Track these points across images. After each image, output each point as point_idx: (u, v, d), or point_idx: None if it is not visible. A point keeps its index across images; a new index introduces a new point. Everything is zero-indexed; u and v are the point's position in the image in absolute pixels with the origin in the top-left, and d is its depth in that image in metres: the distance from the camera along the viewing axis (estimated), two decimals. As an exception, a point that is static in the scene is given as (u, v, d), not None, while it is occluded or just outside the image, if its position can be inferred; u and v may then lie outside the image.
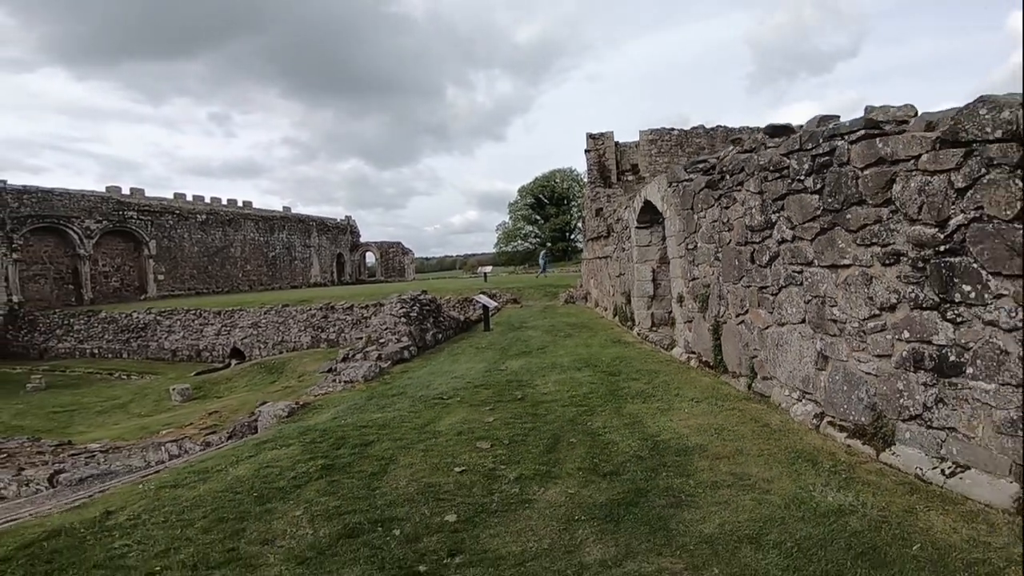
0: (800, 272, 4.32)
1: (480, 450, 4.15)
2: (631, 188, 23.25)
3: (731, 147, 6.24)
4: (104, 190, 39.09)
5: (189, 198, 44.13)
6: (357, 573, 2.59)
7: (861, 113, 3.67)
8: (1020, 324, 2.55)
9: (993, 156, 2.64)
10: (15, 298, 31.77)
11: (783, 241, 4.57)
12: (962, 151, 2.81)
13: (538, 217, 66.05)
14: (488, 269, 34.69)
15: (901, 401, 3.31)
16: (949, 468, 3.04)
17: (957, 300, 2.86)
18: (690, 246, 7.09)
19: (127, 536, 3.09)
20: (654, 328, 9.76)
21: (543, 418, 4.90)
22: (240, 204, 48.26)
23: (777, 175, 4.64)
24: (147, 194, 41.19)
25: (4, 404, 18.79)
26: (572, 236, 61.62)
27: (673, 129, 27.46)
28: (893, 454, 3.40)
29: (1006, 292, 2.61)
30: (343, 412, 5.70)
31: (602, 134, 26.39)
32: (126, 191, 40.35)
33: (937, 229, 2.96)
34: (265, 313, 22.83)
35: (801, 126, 4.66)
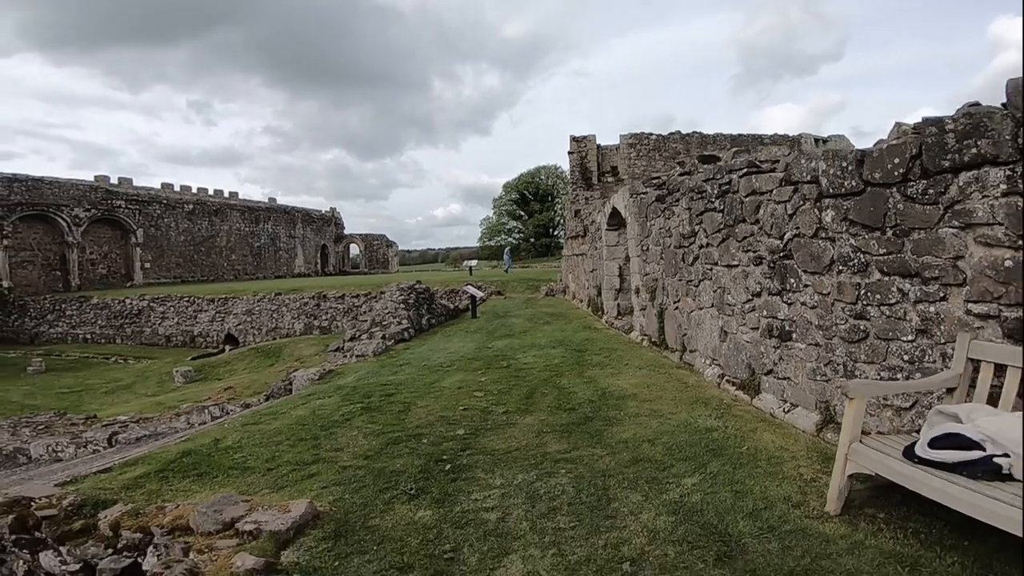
0: (711, 269, 5.89)
1: (476, 397, 5.66)
2: (611, 189, 24.81)
3: (676, 168, 7.79)
4: (93, 179, 39.43)
5: (176, 188, 44.53)
6: (403, 461, 4.06)
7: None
8: (816, 303, 4.11)
9: (806, 193, 4.19)
10: (5, 283, 32.17)
11: (702, 246, 6.13)
12: (792, 188, 4.36)
13: (522, 213, 67.47)
14: (473, 263, 36.13)
15: (763, 360, 4.89)
16: (787, 407, 4.61)
17: (788, 288, 4.43)
18: (644, 248, 8.65)
19: (239, 452, 4.50)
20: (619, 316, 11.33)
21: (523, 378, 6.42)
22: (227, 195, 48.69)
23: (700, 196, 6.18)
24: (135, 184, 41.59)
25: (10, 385, 19.68)
26: (555, 232, 63.24)
27: (651, 134, 29.12)
28: (759, 399, 4.97)
29: (810, 283, 4.17)
30: (363, 376, 7.16)
31: (584, 137, 27.92)
32: (114, 180, 40.70)
33: (780, 241, 4.52)
34: (258, 301, 23.94)
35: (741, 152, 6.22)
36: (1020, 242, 2.64)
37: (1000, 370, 2.71)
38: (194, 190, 45.77)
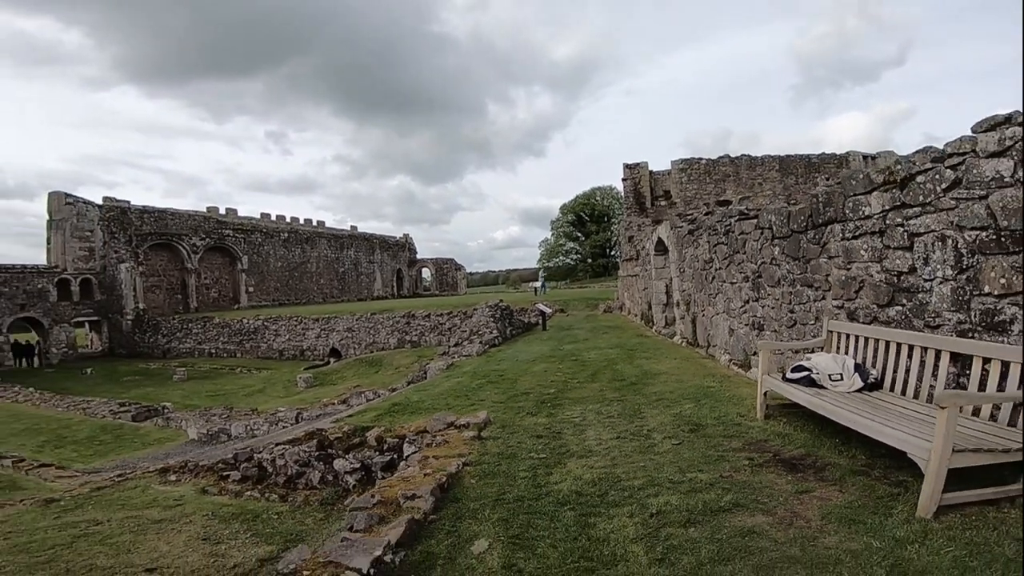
0: (722, 285, 8.41)
1: (558, 375, 8.44)
2: (664, 212, 27.04)
3: (703, 209, 10.34)
4: (205, 210, 44.86)
5: (273, 217, 49.82)
6: (522, 403, 6.84)
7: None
8: (773, 306, 6.61)
9: (767, 235, 6.71)
10: (140, 305, 37.53)
11: (717, 269, 8.66)
12: (760, 231, 6.89)
13: (579, 234, 69.98)
14: (538, 284, 38.98)
15: (751, 346, 7.37)
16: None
17: (761, 297, 6.94)
18: (681, 270, 11.17)
19: (425, 403, 7.41)
20: (666, 326, 13.78)
21: (588, 366, 9.14)
22: (315, 223, 53.87)
23: (713, 232, 8.74)
24: (239, 214, 47.06)
25: (167, 390, 24.02)
26: (612, 252, 65.33)
27: (701, 159, 31.12)
28: (749, 372, 7.44)
29: (770, 293, 6.68)
30: (476, 367, 10.09)
31: (637, 164, 30.31)
32: (222, 211, 46.14)
33: (756, 266, 7.05)
34: (357, 319, 27.74)
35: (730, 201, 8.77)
36: (850, 266, 5.13)
37: (840, 336, 5.19)
38: (288, 219, 51.02)
